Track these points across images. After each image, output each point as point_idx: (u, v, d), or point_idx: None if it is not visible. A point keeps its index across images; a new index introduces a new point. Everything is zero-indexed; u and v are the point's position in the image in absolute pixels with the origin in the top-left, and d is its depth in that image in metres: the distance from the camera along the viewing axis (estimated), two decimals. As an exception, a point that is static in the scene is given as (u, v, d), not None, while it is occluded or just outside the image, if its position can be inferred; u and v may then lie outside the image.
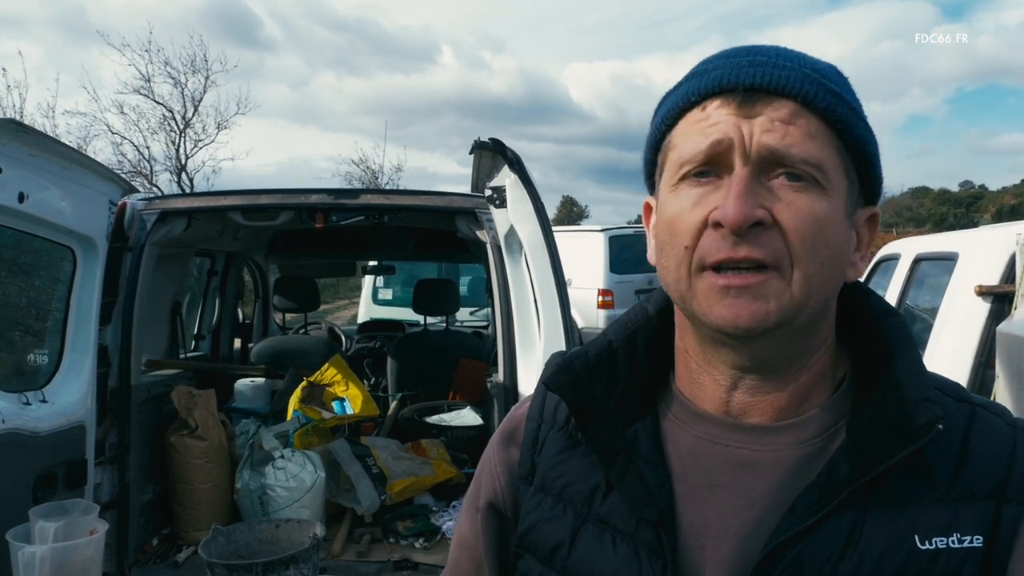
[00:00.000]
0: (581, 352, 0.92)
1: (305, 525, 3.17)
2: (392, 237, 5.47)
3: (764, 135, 0.75)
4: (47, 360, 3.02)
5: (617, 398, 0.89)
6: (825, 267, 0.76)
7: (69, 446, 2.92)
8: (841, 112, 0.77)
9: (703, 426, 0.85)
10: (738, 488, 0.81)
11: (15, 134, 2.51)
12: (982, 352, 2.97)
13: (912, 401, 0.77)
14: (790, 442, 0.81)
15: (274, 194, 3.53)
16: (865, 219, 0.84)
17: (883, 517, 0.76)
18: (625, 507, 0.84)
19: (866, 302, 0.88)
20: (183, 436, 3.58)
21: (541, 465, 0.93)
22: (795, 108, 0.76)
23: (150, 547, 3.51)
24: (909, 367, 0.80)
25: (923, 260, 3.96)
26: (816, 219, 0.75)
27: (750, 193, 0.75)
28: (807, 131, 0.76)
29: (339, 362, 4.46)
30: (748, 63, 0.78)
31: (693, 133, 0.79)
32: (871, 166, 0.82)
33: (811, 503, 0.77)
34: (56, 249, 2.98)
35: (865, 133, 0.80)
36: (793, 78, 0.77)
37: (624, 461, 0.85)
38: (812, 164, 0.75)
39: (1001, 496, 0.76)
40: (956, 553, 0.74)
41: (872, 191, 0.84)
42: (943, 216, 53.57)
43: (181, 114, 19.56)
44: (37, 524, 2.47)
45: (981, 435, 0.79)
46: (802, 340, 0.81)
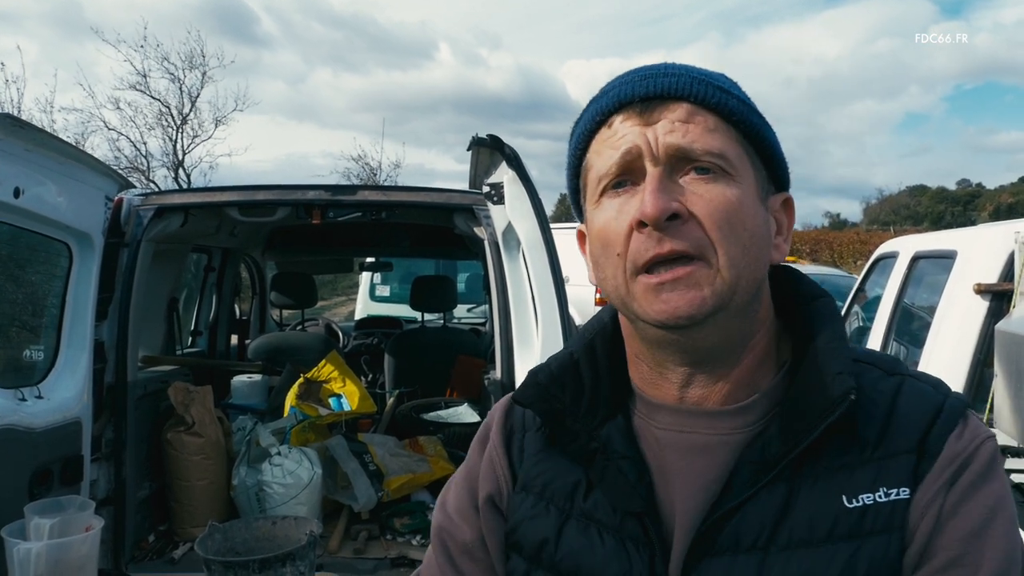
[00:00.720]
0: (545, 366, 0.98)
1: (302, 522, 3.16)
2: (390, 234, 5.47)
3: (667, 136, 0.82)
4: (43, 356, 3.01)
5: (586, 403, 0.94)
6: (747, 249, 0.82)
7: (65, 442, 2.91)
8: (733, 106, 0.85)
9: (663, 417, 0.90)
10: (693, 473, 0.87)
11: (11, 129, 2.49)
12: (980, 350, 2.97)
13: (828, 376, 0.83)
14: (739, 425, 0.87)
15: (271, 190, 3.52)
16: (780, 204, 0.91)
17: (814, 485, 0.82)
18: (608, 502, 0.89)
19: (798, 286, 0.94)
20: (180, 432, 3.57)
21: (523, 465, 0.99)
22: (690, 108, 0.84)
23: (146, 544, 3.50)
24: (827, 344, 0.86)
25: (921, 258, 3.96)
26: (729, 205, 0.81)
27: (663, 189, 0.81)
28: (705, 127, 0.83)
29: (336, 359, 4.45)
30: (641, 77, 0.86)
31: (604, 149, 0.86)
32: (772, 153, 0.89)
33: (746, 479, 0.83)
34: (52, 245, 2.97)
35: (759, 122, 0.87)
36: (683, 82, 0.84)
37: (603, 460, 0.90)
38: (716, 155, 0.82)
39: (921, 451, 0.82)
40: (884, 507, 0.80)
41: (780, 177, 0.91)
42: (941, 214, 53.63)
43: (178, 110, 19.55)
44: (33, 520, 2.46)
45: (907, 398, 0.85)
46: (739, 323, 0.86)
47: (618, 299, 0.86)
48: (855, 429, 0.83)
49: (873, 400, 0.85)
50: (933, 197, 60.45)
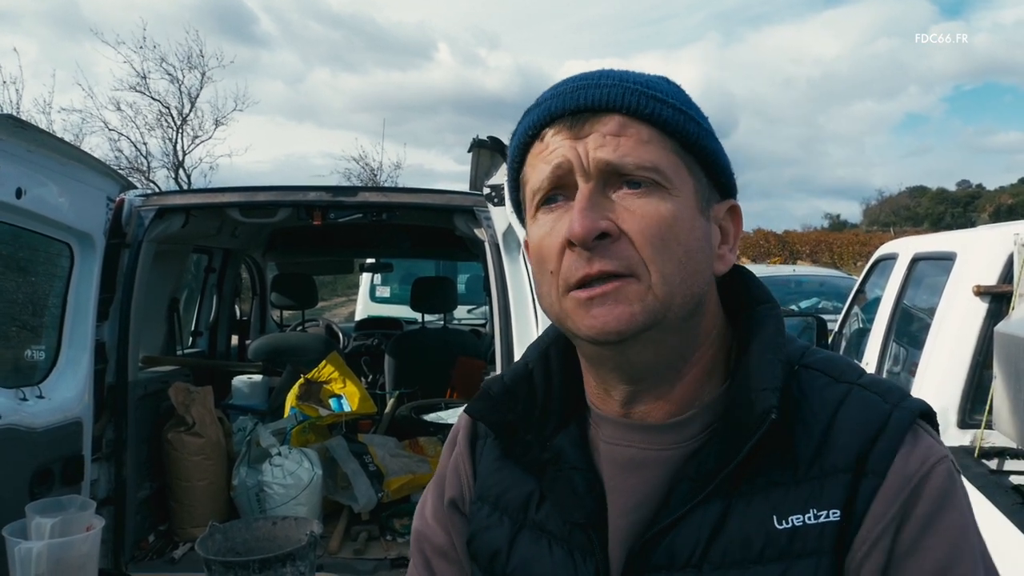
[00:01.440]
0: (499, 378, 0.97)
1: (302, 522, 3.16)
2: (390, 235, 5.47)
3: (597, 151, 0.79)
4: (44, 356, 3.01)
5: (538, 413, 0.93)
6: (682, 264, 0.79)
7: (66, 442, 2.91)
8: (668, 116, 0.81)
9: (609, 429, 0.88)
10: (629, 489, 0.85)
11: (13, 130, 2.50)
12: (980, 352, 2.97)
13: (756, 391, 0.80)
14: (675, 440, 0.85)
15: (272, 191, 3.52)
16: (724, 212, 0.88)
17: (749, 503, 0.80)
18: (558, 513, 0.88)
19: (746, 291, 0.91)
20: (180, 433, 3.58)
21: (479, 475, 0.98)
22: (622, 120, 0.80)
23: (147, 544, 3.50)
24: (759, 356, 0.83)
25: (921, 260, 3.96)
26: (661, 220, 0.78)
27: (592, 207, 0.78)
28: (638, 139, 0.80)
29: (336, 359, 4.46)
30: (573, 88, 0.83)
31: (538, 163, 0.84)
32: (714, 160, 0.85)
33: (683, 495, 0.81)
34: (53, 245, 2.98)
35: (697, 131, 0.83)
36: (614, 93, 0.81)
37: (554, 470, 0.89)
38: (648, 168, 0.79)
39: (861, 468, 0.78)
40: (812, 529, 0.77)
41: (724, 184, 0.88)
42: (940, 215, 53.64)
43: (178, 110, 19.54)
44: (33, 520, 2.47)
45: (849, 412, 0.81)
46: (677, 339, 0.83)
47: (554, 316, 0.84)
48: (792, 444, 0.80)
49: (813, 412, 0.81)
50: (933, 198, 60.45)
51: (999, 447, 2.74)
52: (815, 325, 4.18)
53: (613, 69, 0.86)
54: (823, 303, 9.13)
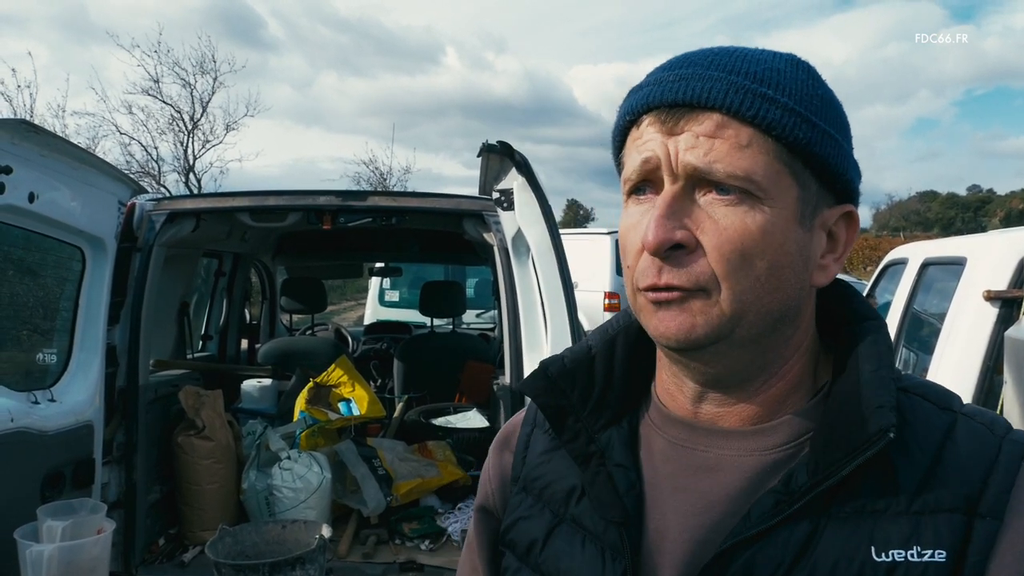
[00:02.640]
0: (558, 358, 0.93)
1: (311, 526, 3.17)
2: (399, 239, 5.49)
3: (687, 153, 0.74)
4: (55, 359, 3.03)
5: (593, 403, 0.90)
6: (762, 281, 0.75)
7: (77, 445, 2.93)
8: (774, 117, 0.75)
9: (674, 430, 0.86)
10: (698, 491, 0.81)
11: (26, 134, 2.52)
12: (990, 357, 2.96)
13: (868, 408, 0.75)
14: (756, 448, 0.81)
15: (282, 195, 3.54)
16: (837, 218, 0.82)
17: (842, 527, 0.74)
18: (593, 508, 0.86)
19: (848, 305, 0.87)
20: (190, 436, 3.59)
21: (526, 466, 0.96)
22: (721, 120, 0.74)
23: (157, 547, 3.52)
24: (873, 372, 0.78)
25: (931, 265, 3.95)
26: (746, 235, 0.74)
27: (671, 215, 0.74)
28: (735, 142, 0.74)
29: (345, 363, 4.47)
30: (675, 78, 0.77)
31: (632, 151, 0.80)
32: (826, 165, 0.78)
33: (766, 509, 0.76)
34: (65, 249, 3.00)
35: (809, 134, 0.76)
36: (717, 89, 0.75)
37: (597, 465, 0.87)
38: (740, 178, 0.74)
39: (974, 510, 0.73)
40: (915, 567, 0.72)
41: (841, 189, 0.81)
42: (951, 220, 53.46)
43: (189, 115, 19.63)
44: (45, 523, 2.48)
45: (959, 444, 0.76)
46: (760, 353, 0.80)
47: (631, 307, 0.83)
48: (894, 471, 0.75)
49: (918, 440, 0.76)
50: (943, 203, 60.25)
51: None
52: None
53: (727, 50, 0.80)
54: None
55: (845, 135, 0.81)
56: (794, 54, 0.82)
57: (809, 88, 0.78)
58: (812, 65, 0.81)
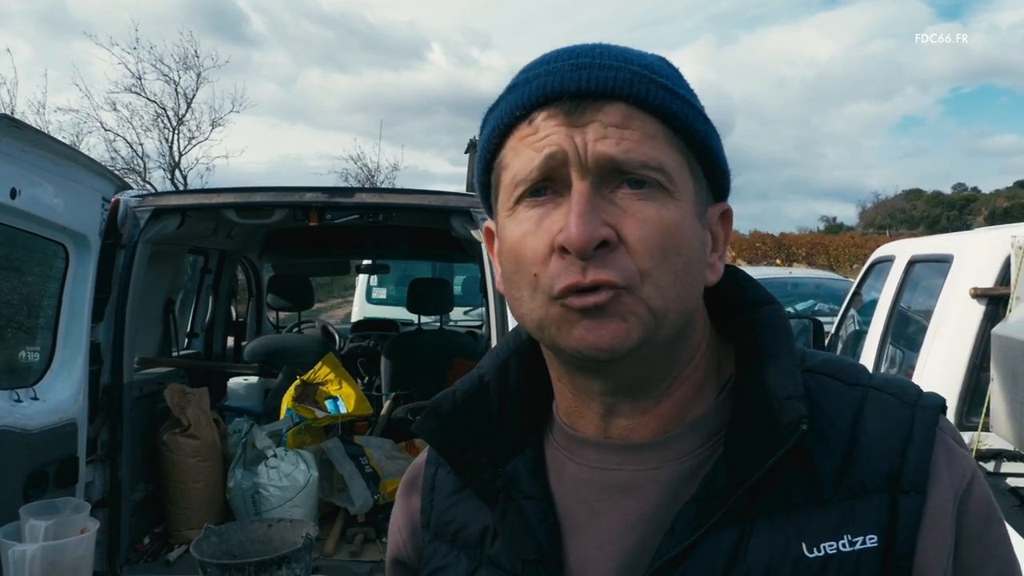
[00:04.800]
0: (449, 393, 0.88)
1: (298, 524, 3.15)
2: (386, 236, 5.47)
3: (598, 143, 0.70)
4: (39, 357, 3.00)
5: (492, 434, 0.84)
6: (679, 277, 0.72)
7: (60, 444, 2.90)
8: (676, 108, 0.73)
9: (583, 452, 0.81)
10: (616, 514, 0.77)
11: (8, 129, 2.49)
12: (977, 355, 2.97)
13: (777, 400, 0.73)
14: (669, 457, 0.77)
15: (268, 192, 3.52)
16: (718, 216, 0.80)
17: (770, 527, 0.72)
18: (506, 548, 0.80)
19: (741, 293, 0.84)
20: (176, 434, 3.57)
21: (434, 510, 0.90)
22: (628, 110, 0.71)
23: (142, 546, 3.49)
24: (775, 362, 0.76)
25: (918, 262, 3.96)
26: (664, 228, 0.71)
27: (592, 211, 0.69)
28: (644, 133, 0.71)
29: (332, 361, 4.45)
30: (571, 67, 0.73)
31: (524, 149, 0.74)
32: (715, 160, 0.77)
33: (690, 520, 0.72)
34: (48, 246, 2.97)
35: (704, 126, 0.75)
36: (621, 78, 0.71)
37: (506, 500, 0.81)
38: (654, 168, 0.71)
39: (896, 486, 0.71)
40: (848, 557, 0.70)
41: (720, 186, 0.80)
42: (936, 218, 53.81)
43: (174, 111, 19.52)
44: (28, 522, 2.46)
45: (872, 421, 0.74)
46: (668, 356, 0.77)
47: (534, 324, 0.75)
48: (813, 460, 0.72)
49: (831, 423, 0.74)
50: (929, 201, 60.65)
51: (996, 449, 2.74)
52: (811, 328, 4.18)
53: (611, 45, 0.76)
54: (819, 306, 9.14)
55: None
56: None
57: (688, 85, 0.77)
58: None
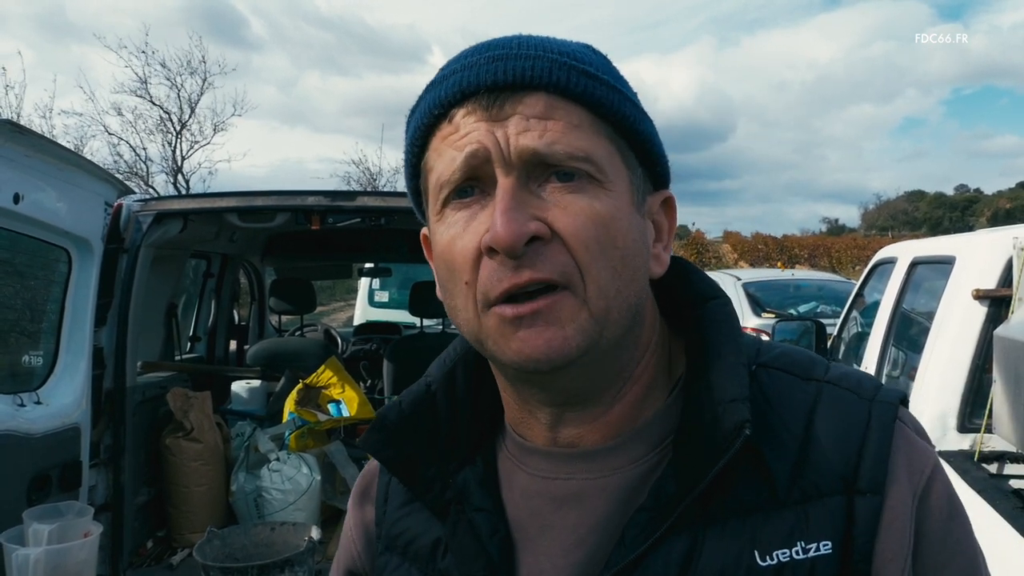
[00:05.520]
0: (395, 404, 0.84)
1: (300, 528, 3.16)
2: (388, 239, 5.47)
3: (520, 136, 0.67)
4: (42, 362, 3.01)
5: (441, 445, 0.81)
6: (619, 271, 0.68)
7: (64, 448, 2.91)
8: (601, 94, 0.70)
9: (533, 461, 0.78)
10: (566, 527, 0.74)
11: (11, 135, 2.50)
12: (979, 356, 2.97)
13: (721, 404, 0.69)
14: (618, 464, 0.74)
15: (270, 196, 3.52)
16: (659, 204, 0.77)
17: (722, 534, 0.68)
18: (456, 562, 0.77)
19: (689, 285, 0.80)
20: (178, 438, 3.57)
21: (386, 521, 0.87)
22: (549, 100, 0.68)
23: (145, 550, 3.50)
24: (719, 361, 0.73)
25: (920, 264, 3.96)
26: (598, 219, 0.67)
27: (518, 207, 0.66)
28: (568, 123, 0.68)
29: (335, 364, 4.45)
30: (487, 59, 0.69)
31: (445, 149, 0.71)
32: (649, 147, 0.74)
33: (640, 529, 0.69)
34: (51, 250, 2.97)
35: (633, 112, 0.72)
36: (540, 67, 0.68)
37: (456, 513, 0.78)
38: (581, 158, 0.68)
39: (852, 488, 0.68)
40: (802, 565, 0.66)
41: (658, 174, 0.77)
42: (939, 220, 53.76)
43: (177, 116, 19.55)
44: (31, 526, 2.46)
45: (826, 419, 0.71)
46: (615, 359, 0.73)
47: (470, 333, 0.72)
48: (765, 462, 0.69)
49: (784, 421, 0.71)
50: (931, 202, 60.61)
51: (999, 451, 2.73)
52: (814, 330, 4.18)
53: (531, 36, 0.72)
54: (822, 307, 9.13)
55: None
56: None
57: (615, 70, 0.74)
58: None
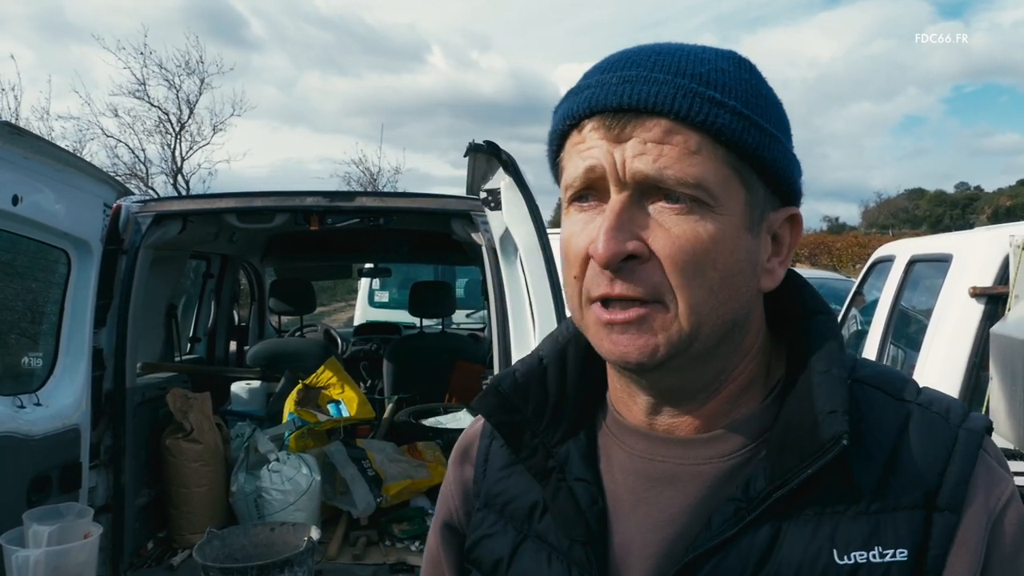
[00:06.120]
0: (510, 372, 0.91)
1: (300, 528, 3.16)
2: (388, 239, 5.48)
3: (636, 160, 0.72)
4: (41, 363, 3.01)
5: (549, 416, 0.87)
6: (715, 292, 0.73)
7: (64, 449, 2.91)
8: (723, 122, 0.72)
9: (632, 440, 0.84)
10: (659, 504, 0.80)
11: (10, 136, 2.50)
12: (976, 353, 2.98)
13: (821, 413, 0.74)
14: (712, 455, 0.80)
15: (269, 196, 3.53)
16: (783, 220, 0.81)
17: (803, 530, 0.74)
18: (556, 527, 0.84)
19: (799, 299, 0.85)
20: (178, 439, 3.58)
21: (486, 481, 0.93)
22: (669, 125, 0.72)
23: (145, 551, 3.50)
24: (824, 373, 0.77)
25: (918, 262, 3.97)
26: (698, 244, 0.72)
27: (621, 226, 0.72)
28: (685, 149, 0.72)
29: (335, 365, 4.46)
30: (618, 80, 0.74)
31: (573, 156, 0.77)
32: (774, 169, 0.77)
33: (727, 517, 0.75)
34: (51, 252, 2.98)
35: (758, 139, 0.74)
36: (664, 93, 0.72)
37: (557, 480, 0.84)
38: (691, 185, 0.71)
39: (932, 504, 0.73)
40: (877, 568, 0.72)
41: (786, 191, 0.80)
42: (939, 217, 53.72)
43: (176, 116, 19.53)
44: (31, 528, 2.46)
45: (914, 439, 0.76)
46: (711, 363, 0.78)
47: (576, 320, 0.80)
48: (851, 472, 0.74)
49: (874, 436, 0.76)
50: (931, 200, 60.56)
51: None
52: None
53: (668, 49, 0.76)
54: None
55: (788, 135, 0.80)
56: (734, 51, 0.79)
57: (753, 88, 0.76)
58: (752, 62, 0.79)
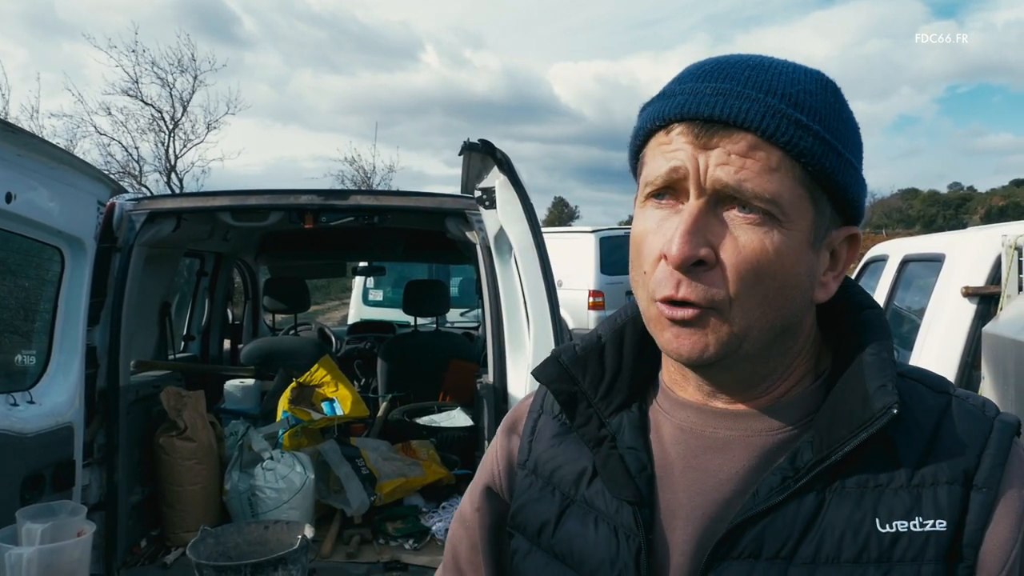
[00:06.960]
0: (570, 346, 0.97)
1: (294, 526, 3.16)
2: (382, 238, 5.47)
3: (718, 168, 0.76)
4: (35, 361, 3.00)
5: (604, 389, 0.93)
6: (770, 300, 0.78)
7: (57, 447, 2.90)
8: (805, 144, 0.77)
9: (684, 413, 0.89)
10: (709, 470, 0.85)
11: (2, 134, 2.50)
12: (968, 352, 2.99)
13: (871, 387, 0.79)
14: (763, 428, 0.85)
15: (263, 195, 3.52)
16: (843, 239, 0.85)
17: (846, 500, 0.79)
18: (607, 489, 0.89)
19: (848, 296, 0.90)
20: (172, 437, 3.57)
21: (535, 450, 0.99)
22: (754, 141, 0.76)
23: (138, 549, 3.50)
24: (874, 356, 0.83)
25: (910, 261, 3.98)
26: (763, 256, 0.76)
27: (697, 230, 0.76)
28: (765, 165, 0.76)
29: (329, 363, 4.45)
30: (712, 91, 0.78)
31: (657, 155, 0.81)
32: (843, 193, 0.81)
33: (774, 486, 0.80)
34: (44, 250, 2.97)
35: (835, 164, 0.79)
36: (755, 111, 0.76)
37: (608, 448, 0.90)
38: (766, 200, 0.76)
39: (970, 482, 0.78)
40: (917, 536, 0.76)
41: (850, 213, 0.84)
42: (932, 218, 53.82)
43: (170, 114, 19.47)
44: (24, 526, 2.46)
45: (955, 423, 0.81)
46: (761, 363, 0.84)
47: (640, 310, 0.85)
48: (894, 448, 0.79)
49: (916, 419, 0.81)
50: (925, 200, 60.66)
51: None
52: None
53: (762, 64, 0.81)
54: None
55: (860, 160, 0.84)
56: (823, 73, 0.83)
57: (835, 112, 0.80)
58: (837, 85, 0.84)
